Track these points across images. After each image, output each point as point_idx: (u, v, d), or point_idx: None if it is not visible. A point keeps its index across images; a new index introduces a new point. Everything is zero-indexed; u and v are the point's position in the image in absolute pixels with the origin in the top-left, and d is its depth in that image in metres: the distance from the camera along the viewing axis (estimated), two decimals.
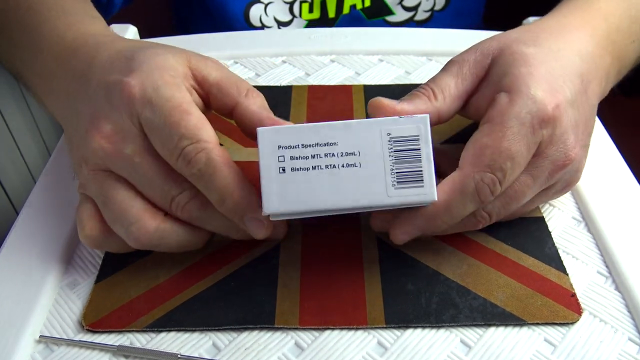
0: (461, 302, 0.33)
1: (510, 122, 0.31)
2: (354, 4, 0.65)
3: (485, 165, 0.31)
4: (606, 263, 0.35)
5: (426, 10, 0.66)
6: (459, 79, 0.35)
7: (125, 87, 0.32)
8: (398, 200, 0.30)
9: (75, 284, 0.35)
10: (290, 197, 0.30)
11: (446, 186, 0.32)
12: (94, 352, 0.31)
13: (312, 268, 0.35)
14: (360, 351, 0.31)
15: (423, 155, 0.30)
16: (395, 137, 0.30)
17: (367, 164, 0.30)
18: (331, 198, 0.30)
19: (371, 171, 0.30)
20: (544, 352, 0.31)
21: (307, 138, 0.30)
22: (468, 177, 0.31)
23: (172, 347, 0.32)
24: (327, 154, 0.30)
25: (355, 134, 0.30)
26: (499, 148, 0.31)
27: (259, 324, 0.32)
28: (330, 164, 0.30)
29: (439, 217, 0.32)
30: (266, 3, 0.63)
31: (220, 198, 0.31)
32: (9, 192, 0.75)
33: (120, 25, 0.56)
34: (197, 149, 0.31)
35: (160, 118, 0.31)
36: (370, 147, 0.30)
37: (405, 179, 0.30)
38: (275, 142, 0.30)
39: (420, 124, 0.30)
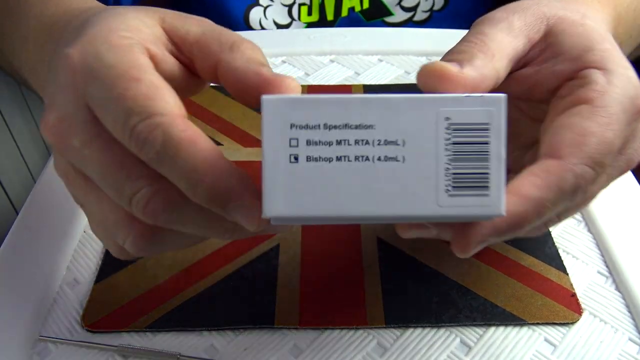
0: (461, 302, 0.33)
1: (615, 108, 0.26)
2: (352, 6, 0.65)
3: (589, 156, 0.25)
4: (606, 263, 0.35)
5: (425, 10, 0.66)
6: (512, 37, 0.28)
7: (65, 61, 0.25)
8: (451, 211, 0.22)
9: (75, 284, 0.35)
10: (303, 196, 0.22)
11: (538, 179, 0.24)
12: (93, 352, 0.31)
13: (311, 268, 0.35)
14: (360, 351, 0.31)
15: (492, 152, 0.22)
16: (456, 123, 0.22)
17: (413, 159, 0.22)
18: (359, 202, 0.22)
19: (418, 169, 0.22)
20: (544, 352, 0.31)
21: (333, 116, 0.22)
22: (568, 169, 0.24)
23: (171, 347, 0.32)
24: (358, 140, 0.22)
25: (400, 115, 0.22)
26: (605, 138, 0.25)
27: (259, 324, 0.32)
28: (362, 154, 0.22)
29: (526, 220, 0.24)
30: (265, 6, 0.63)
31: (189, 184, 0.23)
32: (9, 192, 0.75)
33: None
34: (150, 126, 0.23)
35: (103, 91, 0.24)
36: (419, 135, 0.22)
37: (465, 184, 0.22)
38: (286, 118, 0.22)
39: (493, 107, 0.22)
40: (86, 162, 0.25)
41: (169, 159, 0.23)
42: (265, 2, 0.63)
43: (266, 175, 0.22)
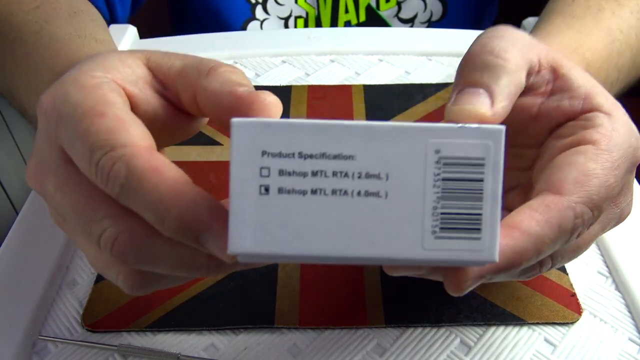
0: (461, 302, 0.33)
1: (618, 154, 0.25)
2: (348, 19, 0.65)
3: (589, 198, 0.24)
4: (606, 263, 0.35)
5: (423, 22, 0.66)
6: (524, 52, 0.27)
7: (39, 107, 0.25)
8: (438, 255, 0.21)
9: (75, 284, 0.35)
10: (273, 233, 0.20)
11: (538, 215, 0.24)
12: (93, 351, 0.31)
13: (311, 268, 0.35)
14: (360, 351, 0.31)
15: (487, 190, 0.20)
16: (447, 157, 0.20)
17: (397, 195, 0.20)
18: (335, 242, 0.20)
19: (402, 207, 0.20)
20: (544, 352, 0.31)
21: (310, 143, 0.20)
22: (569, 207, 0.24)
23: (171, 347, 0.32)
24: (337, 172, 0.20)
25: (384, 145, 0.20)
26: (607, 182, 0.25)
27: (259, 324, 0.32)
28: (340, 188, 0.20)
29: (524, 256, 0.23)
30: (262, 20, 0.64)
31: (157, 216, 0.22)
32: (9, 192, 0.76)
33: (120, 25, 0.57)
34: (113, 159, 0.22)
35: (70, 130, 0.24)
36: (405, 168, 0.20)
37: (454, 225, 0.20)
38: (257, 144, 0.20)
39: (491, 140, 0.20)
40: (59, 206, 0.25)
41: (133, 192, 0.22)
42: (261, 16, 0.64)
43: (233, 207, 0.20)
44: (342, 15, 0.64)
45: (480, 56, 0.26)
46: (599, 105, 0.27)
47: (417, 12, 0.65)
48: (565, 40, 0.41)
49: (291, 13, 0.64)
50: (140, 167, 0.22)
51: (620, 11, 0.45)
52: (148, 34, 0.60)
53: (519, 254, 0.23)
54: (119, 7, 0.58)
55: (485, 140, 0.20)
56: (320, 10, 0.64)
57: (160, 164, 0.22)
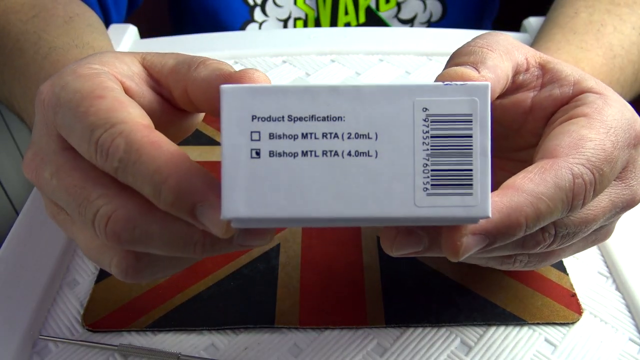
0: (461, 302, 0.33)
1: (612, 123, 0.26)
2: (348, 21, 0.65)
3: (586, 159, 0.24)
4: (606, 263, 0.35)
5: (423, 22, 0.66)
6: (514, 48, 0.28)
7: (37, 98, 0.26)
8: (430, 212, 0.20)
9: (75, 283, 0.35)
10: (265, 196, 0.20)
11: (533, 175, 0.23)
12: (93, 351, 0.31)
13: (311, 268, 0.35)
14: (360, 351, 0.31)
15: (477, 146, 0.20)
16: (435, 114, 0.20)
17: (387, 154, 0.20)
18: (327, 203, 0.20)
19: (392, 165, 0.20)
20: (545, 352, 0.31)
21: (299, 106, 0.20)
22: (565, 166, 0.24)
23: (172, 346, 0.32)
24: (326, 133, 0.20)
25: (372, 106, 0.20)
26: (603, 145, 0.25)
27: (259, 323, 0.32)
28: (330, 149, 0.20)
29: (521, 214, 0.23)
30: (261, 22, 0.64)
31: (153, 187, 0.22)
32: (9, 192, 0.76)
33: (121, 25, 0.57)
34: (113, 135, 0.23)
35: (69, 114, 0.24)
36: (394, 127, 0.20)
37: (445, 182, 0.20)
38: (247, 109, 0.20)
39: (477, 96, 0.20)
40: (55, 192, 0.25)
41: (131, 164, 0.23)
42: (260, 18, 0.64)
43: (225, 172, 0.20)
44: (341, 16, 0.64)
45: (466, 47, 0.27)
46: (590, 87, 0.27)
47: (417, 12, 0.65)
48: (563, 56, 0.42)
49: (290, 15, 0.64)
50: (139, 141, 0.23)
51: (622, 27, 0.45)
52: (148, 34, 0.60)
53: (515, 210, 0.23)
54: (113, 11, 0.58)
55: (471, 96, 0.20)
56: (319, 12, 0.64)
57: (158, 139, 0.23)
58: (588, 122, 0.25)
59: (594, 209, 0.26)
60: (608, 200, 0.27)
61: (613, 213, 0.27)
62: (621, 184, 0.27)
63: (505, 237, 0.23)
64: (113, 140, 0.23)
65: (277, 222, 0.21)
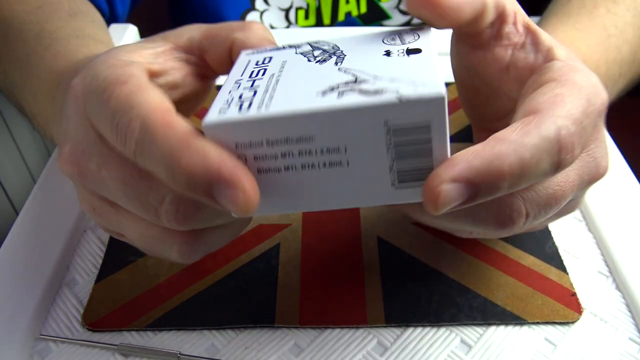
0: (461, 301, 0.33)
1: (582, 83, 0.25)
2: (349, 10, 0.65)
3: (567, 112, 0.24)
4: (607, 262, 0.35)
5: None
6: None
7: (70, 91, 0.26)
8: (400, 199, 0.24)
9: (75, 283, 0.35)
10: (265, 202, 0.24)
11: (516, 126, 0.23)
12: (94, 351, 0.31)
13: (312, 267, 0.35)
14: (360, 350, 0.31)
15: (436, 147, 0.22)
16: (396, 126, 0.22)
17: (357, 163, 0.23)
18: (314, 201, 0.24)
19: (363, 171, 0.23)
20: (544, 352, 0.31)
21: (272, 132, 0.22)
22: (548, 120, 0.23)
23: (171, 346, 0.32)
24: (301, 151, 0.23)
25: (336, 126, 0.22)
26: (580, 101, 0.24)
27: (259, 323, 0.32)
28: (307, 163, 0.23)
29: (504, 160, 0.22)
30: (262, 11, 0.63)
31: (166, 170, 0.22)
32: (9, 192, 0.75)
33: (121, 25, 0.56)
34: (129, 119, 0.23)
35: (96, 102, 0.24)
36: (359, 141, 0.22)
37: (410, 177, 0.23)
38: (230, 139, 0.23)
39: (432, 107, 0.22)
40: (106, 184, 0.25)
41: (147, 146, 0.22)
42: (261, 7, 0.63)
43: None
44: (342, 6, 0.64)
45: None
46: (559, 56, 0.27)
47: None
48: (560, 37, 0.42)
49: (292, 4, 0.64)
50: (153, 123, 0.22)
51: (615, 9, 0.46)
52: (148, 34, 0.60)
53: (497, 157, 0.22)
54: (118, 4, 0.58)
55: (427, 109, 0.22)
56: (320, 2, 0.64)
57: (172, 119, 0.23)
58: (560, 84, 0.25)
59: (563, 184, 0.26)
60: (575, 174, 0.26)
61: (581, 187, 0.27)
62: (586, 155, 0.27)
63: (488, 189, 0.23)
64: (130, 124, 0.23)
65: (277, 210, 0.25)
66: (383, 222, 0.38)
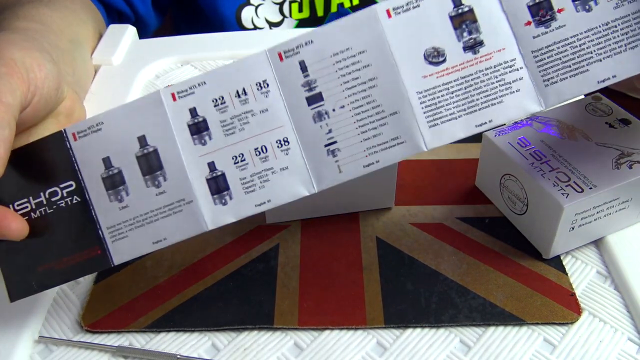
0: (460, 302, 0.33)
1: None
2: (341, 2, 0.65)
3: None
4: (605, 263, 0.35)
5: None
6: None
7: None
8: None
9: (74, 283, 0.35)
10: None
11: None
12: (93, 352, 0.31)
13: (310, 268, 0.35)
14: (359, 351, 0.31)
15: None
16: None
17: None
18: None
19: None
20: (544, 352, 0.31)
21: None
22: None
23: (171, 347, 0.32)
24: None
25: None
26: None
27: (258, 324, 0.32)
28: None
29: None
30: (256, 5, 0.64)
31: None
32: None
33: (120, 25, 0.56)
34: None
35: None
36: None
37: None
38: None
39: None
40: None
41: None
42: (256, 1, 0.64)
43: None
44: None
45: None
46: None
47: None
48: None
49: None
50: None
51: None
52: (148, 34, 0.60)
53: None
54: (139, 4, 0.59)
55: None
56: None
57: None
58: None
59: None
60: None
61: None
62: None
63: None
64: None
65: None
66: (382, 223, 0.38)
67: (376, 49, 0.28)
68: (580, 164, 0.34)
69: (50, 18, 0.47)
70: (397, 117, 0.28)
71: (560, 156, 0.35)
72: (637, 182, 0.33)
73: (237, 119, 0.29)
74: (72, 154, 0.29)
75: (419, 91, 0.28)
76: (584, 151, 0.35)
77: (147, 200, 0.29)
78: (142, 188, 0.29)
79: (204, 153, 0.29)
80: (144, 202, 0.29)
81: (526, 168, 0.34)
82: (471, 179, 0.41)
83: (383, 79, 0.28)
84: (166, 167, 0.29)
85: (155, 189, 0.29)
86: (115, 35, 0.55)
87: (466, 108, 0.28)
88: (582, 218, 0.33)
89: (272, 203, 0.29)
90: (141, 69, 0.52)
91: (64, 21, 0.48)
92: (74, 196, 0.29)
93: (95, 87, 0.50)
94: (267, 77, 0.29)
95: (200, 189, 0.29)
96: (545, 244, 0.34)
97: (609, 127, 0.36)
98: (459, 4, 0.28)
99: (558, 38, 0.28)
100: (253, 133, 0.29)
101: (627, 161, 0.34)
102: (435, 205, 0.39)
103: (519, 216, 0.36)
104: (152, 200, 0.29)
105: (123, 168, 0.29)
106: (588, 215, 0.33)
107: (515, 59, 0.28)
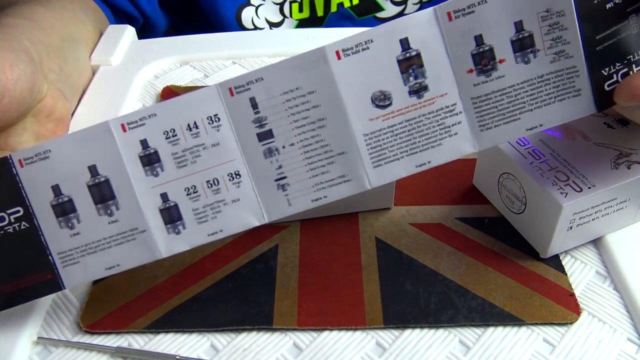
0: (460, 302, 0.33)
1: None
2: (341, 2, 0.65)
3: None
4: (605, 263, 0.35)
5: (415, 2, 0.66)
6: None
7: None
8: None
9: None
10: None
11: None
12: (92, 353, 0.31)
13: (310, 268, 0.35)
14: (359, 352, 0.31)
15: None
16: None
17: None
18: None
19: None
20: (543, 352, 0.31)
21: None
22: None
23: (170, 348, 0.32)
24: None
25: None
26: None
27: (257, 324, 0.32)
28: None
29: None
30: (257, 5, 0.64)
31: None
32: None
33: (120, 26, 0.56)
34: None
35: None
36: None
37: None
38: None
39: None
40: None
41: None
42: (256, 2, 0.64)
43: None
44: None
45: None
46: None
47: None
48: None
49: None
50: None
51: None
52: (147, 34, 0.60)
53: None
54: (145, 3, 0.59)
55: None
56: None
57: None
58: None
59: None
60: None
61: None
62: None
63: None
64: None
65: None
66: (381, 223, 0.38)
67: (325, 90, 0.29)
68: (579, 163, 0.34)
69: (43, 16, 0.47)
70: (344, 157, 0.29)
71: (559, 155, 0.35)
72: (636, 182, 0.33)
73: (188, 152, 0.29)
74: (19, 180, 0.29)
75: (366, 133, 0.29)
76: (583, 151, 0.35)
77: (100, 228, 0.29)
78: (94, 216, 0.29)
79: (157, 184, 0.29)
80: (96, 230, 0.29)
81: (525, 166, 0.34)
82: (470, 178, 0.41)
83: (332, 119, 0.29)
84: (118, 197, 0.29)
85: (107, 217, 0.29)
86: (114, 36, 0.55)
87: (408, 150, 0.30)
88: (581, 217, 0.33)
89: (224, 233, 0.30)
90: (140, 69, 0.52)
91: (58, 19, 0.48)
92: (22, 222, 0.29)
93: (93, 88, 0.50)
94: (219, 112, 0.29)
95: (154, 219, 0.29)
96: (543, 243, 0.34)
97: (607, 127, 0.36)
98: (407, 48, 0.29)
99: (497, 87, 0.29)
100: (205, 166, 0.29)
101: (625, 161, 0.34)
102: (434, 206, 0.39)
103: (516, 215, 0.36)
104: (104, 228, 0.29)
105: (74, 196, 0.29)
106: (586, 215, 0.33)
107: (455, 104, 0.29)
